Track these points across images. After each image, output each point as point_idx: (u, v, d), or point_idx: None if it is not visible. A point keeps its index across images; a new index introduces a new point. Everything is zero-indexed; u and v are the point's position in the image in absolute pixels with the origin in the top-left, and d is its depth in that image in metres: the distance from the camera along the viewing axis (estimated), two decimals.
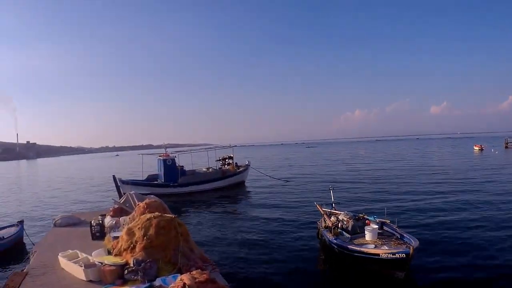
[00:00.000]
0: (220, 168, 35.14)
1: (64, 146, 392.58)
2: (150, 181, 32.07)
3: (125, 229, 9.05)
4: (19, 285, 7.96)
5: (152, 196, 15.94)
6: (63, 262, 8.98)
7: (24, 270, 9.20)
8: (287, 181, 36.11)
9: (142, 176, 33.82)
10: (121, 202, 15.28)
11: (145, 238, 8.12)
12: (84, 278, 7.77)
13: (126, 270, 7.49)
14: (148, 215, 8.97)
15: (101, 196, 33.84)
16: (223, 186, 32.78)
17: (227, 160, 36.10)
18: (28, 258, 11.49)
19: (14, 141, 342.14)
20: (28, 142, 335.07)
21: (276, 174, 42.26)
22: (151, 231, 8.23)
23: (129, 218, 11.64)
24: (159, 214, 9.07)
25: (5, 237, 16.35)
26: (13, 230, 17.49)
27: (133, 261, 7.46)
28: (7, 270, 13.49)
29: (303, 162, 68.95)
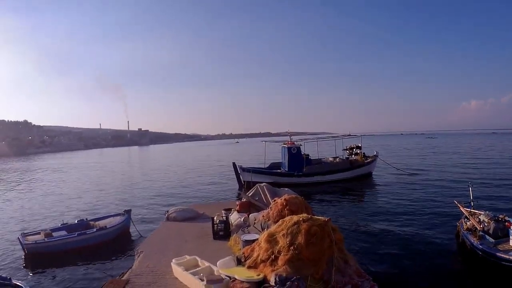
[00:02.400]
0: (347, 158, 36.38)
1: (179, 133, 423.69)
2: (272, 170, 33.79)
3: (264, 235, 8.08)
4: None
5: (286, 189, 14.85)
6: (177, 271, 8.03)
7: (124, 277, 8.37)
8: (413, 174, 36.89)
9: (264, 164, 35.22)
10: (249, 195, 14.56)
11: (291, 248, 7.32)
12: None
13: None
14: (295, 218, 8.01)
15: (221, 186, 34.29)
16: (350, 177, 33.75)
17: (354, 149, 37.42)
18: (132, 258, 10.83)
19: (125, 128, 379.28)
20: (139, 129, 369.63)
21: (400, 165, 43.01)
22: (300, 239, 7.41)
23: (262, 216, 10.78)
24: (308, 216, 8.07)
25: (107, 226, 16.61)
26: (118, 219, 17.74)
27: (275, 278, 6.77)
28: (106, 268, 13.32)
29: (425, 153, 70.31)
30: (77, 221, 17.76)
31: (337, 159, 35.80)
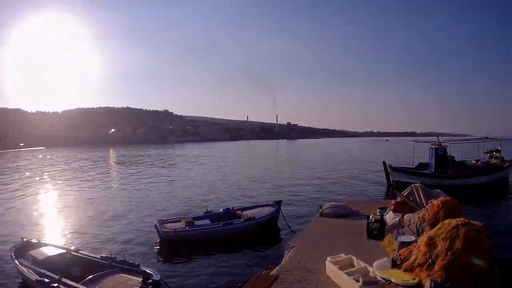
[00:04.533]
0: (487, 161, 36.26)
1: (327, 129, 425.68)
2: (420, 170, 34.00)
3: (424, 238, 7.76)
4: None
5: (438, 191, 14.10)
6: (332, 270, 7.73)
7: (272, 272, 8.21)
8: None
9: (412, 164, 35.35)
10: (405, 194, 13.77)
11: (449, 253, 7.01)
12: None
13: None
14: (454, 222, 7.60)
15: (370, 184, 34.20)
16: (489, 181, 33.03)
17: (494, 153, 37.14)
18: (281, 252, 10.71)
19: (273, 121, 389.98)
20: (288, 123, 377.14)
21: None
22: (458, 244, 7.11)
23: (418, 217, 10.22)
24: (465, 220, 7.66)
25: (256, 217, 16.64)
26: (267, 210, 17.75)
27: (430, 283, 6.57)
28: (251, 261, 13.17)
29: None
30: (223, 209, 18.05)
31: (479, 162, 35.75)
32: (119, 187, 35.17)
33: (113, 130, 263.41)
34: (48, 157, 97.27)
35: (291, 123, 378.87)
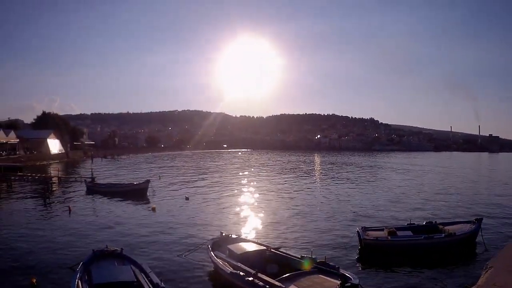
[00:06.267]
0: None
1: None
2: None
3: None
4: None
5: None
6: None
7: None
8: None
9: None
10: None
11: None
12: None
13: None
14: None
15: None
16: None
17: None
18: (476, 271, 10.42)
19: (476, 132, 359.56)
20: (490, 135, 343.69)
21: None
22: None
23: None
24: None
25: (456, 233, 16.22)
26: (468, 227, 17.14)
27: None
28: (447, 278, 13.06)
29: None
30: (425, 222, 17.97)
31: None
32: (321, 190, 36.99)
33: (318, 136, 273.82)
34: (252, 158, 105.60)
35: (492, 135, 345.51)
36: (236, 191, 36.02)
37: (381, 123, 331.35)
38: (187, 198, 29.88)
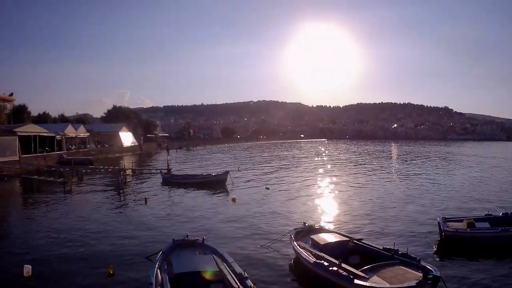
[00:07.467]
0: None
1: None
2: None
3: None
4: None
5: None
6: None
7: None
8: None
9: None
10: None
11: None
12: None
13: None
14: None
15: None
16: None
17: None
18: None
19: None
20: None
21: None
22: None
23: None
24: None
25: None
26: None
27: None
28: None
29: None
30: (502, 213, 17.27)
31: None
32: (399, 180, 36.76)
33: (395, 125, 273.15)
34: (330, 148, 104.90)
35: None
36: (315, 181, 36.20)
37: (455, 112, 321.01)
38: (267, 188, 30.01)
